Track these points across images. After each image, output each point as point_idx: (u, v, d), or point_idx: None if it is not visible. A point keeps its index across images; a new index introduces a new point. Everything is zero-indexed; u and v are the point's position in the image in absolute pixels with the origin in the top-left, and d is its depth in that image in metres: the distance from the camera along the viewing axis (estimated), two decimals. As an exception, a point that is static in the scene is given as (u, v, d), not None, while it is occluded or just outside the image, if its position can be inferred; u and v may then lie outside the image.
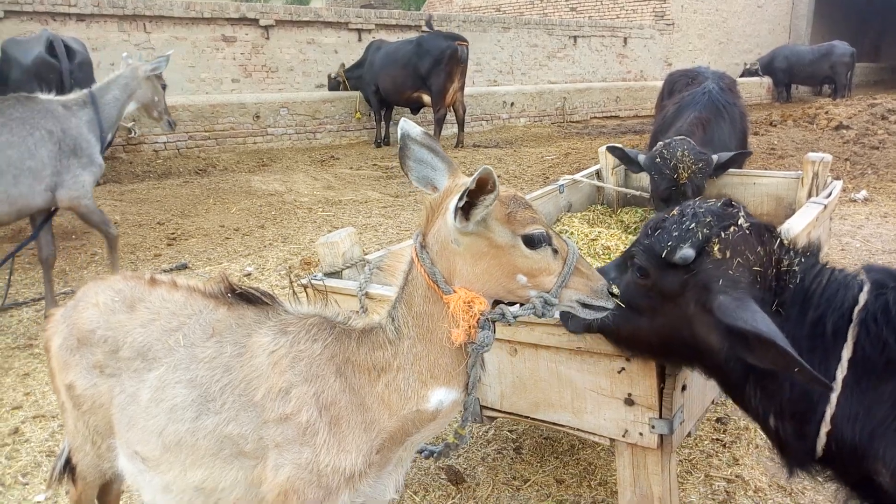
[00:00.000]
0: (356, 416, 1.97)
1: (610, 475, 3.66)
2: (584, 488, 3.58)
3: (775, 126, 13.71)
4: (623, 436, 2.59)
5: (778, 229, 2.15)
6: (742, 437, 3.98)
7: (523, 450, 3.92)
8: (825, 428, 1.94)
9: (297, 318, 2.13)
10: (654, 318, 2.13)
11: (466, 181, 1.78)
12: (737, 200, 2.25)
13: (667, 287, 2.06)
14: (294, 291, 2.38)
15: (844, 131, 12.34)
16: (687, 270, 2.01)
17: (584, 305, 1.93)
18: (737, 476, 3.63)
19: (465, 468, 3.76)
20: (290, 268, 6.88)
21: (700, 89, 5.57)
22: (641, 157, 4.98)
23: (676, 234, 2.05)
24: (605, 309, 1.93)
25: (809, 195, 4.76)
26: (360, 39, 15.18)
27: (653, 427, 2.51)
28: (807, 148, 11.80)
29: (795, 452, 2.07)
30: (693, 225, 2.04)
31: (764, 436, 4.00)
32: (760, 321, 1.81)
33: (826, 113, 13.17)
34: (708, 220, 2.04)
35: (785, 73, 21.09)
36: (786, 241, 2.08)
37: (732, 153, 4.96)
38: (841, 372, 1.90)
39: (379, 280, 3.20)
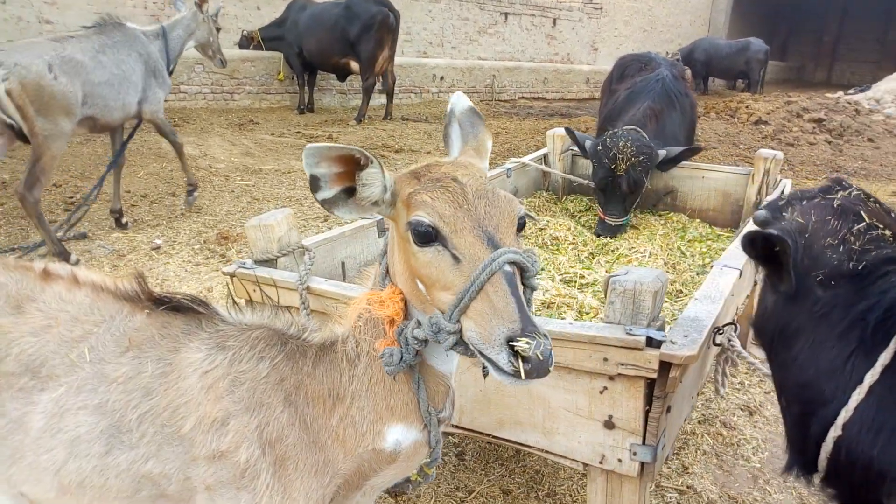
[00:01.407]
0: (306, 456, 1.61)
1: (557, 485, 3.43)
2: (532, 500, 3.34)
3: (699, 118, 13.96)
4: (599, 462, 2.33)
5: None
6: (689, 442, 3.84)
7: (466, 456, 3.63)
8: (834, 432, 1.73)
9: (239, 329, 1.72)
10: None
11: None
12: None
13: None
14: (232, 295, 1.92)
15: (763, 126, 12.69)
16: None
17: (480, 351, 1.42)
18: (688, 487, 3.47)
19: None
20: (204, 241, 6.27)
21: (654, 76, 5.39)
22: (588, 143, 4.77)
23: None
24: (498, 368, 1.35)
25: (759, 193, 4.66)
26: (282, -5, 14.27)
27: (634, 454, 2.25)
28: (728, 141, 12.05)
29: (794, 447, 1.88)
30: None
31: (711, 442, 3.95)
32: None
33: (747, 107, 13.51)
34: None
35: (703, 66, 21.61)
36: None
37: (682, 149, 4.82)
38: (871, 377, 1.69)
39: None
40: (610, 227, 4.69)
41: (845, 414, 1.72)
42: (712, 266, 3.01)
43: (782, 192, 4.40)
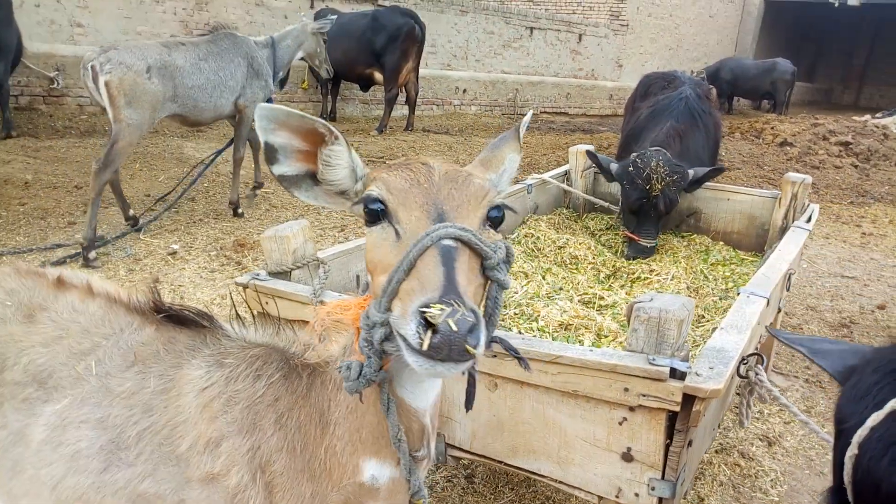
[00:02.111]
0: (295, 485, 1.53)
1: (570, 511, 3.33)
2: (543, 527, 3.24)
3: (723, 137, 13.80)
4: (616, 495, 2.24)
5: None
6: (706, 472, 3.72)
7: (475, 478, 3.55)
8: (851, 451, 1.63)
9: (240, 346, 1.67)
10: None
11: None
12: None
13: None
14: (235, 308, 1.85)
15: (788, 148, 12.50)
16: None
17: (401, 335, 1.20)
18: (704, 519, 3.36)
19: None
20: (221, 248, 6.26)
21: (677, 94, 5.30)
22: (614, 166, 4.68)
23: None
24: (407, 345, 1.15)
25: (786, 217, 4.55)
26: (312, 6, 14.33)
27: (652, 489, 2.17)
28: (753, 162, 11.89)
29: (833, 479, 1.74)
30: None
31: (729, 472, 3.82)
32: None
33: (772, 128, 13.33)
34: None
35: (729, 85, 21.42)
36: None
37: (708, 169, 4.72)
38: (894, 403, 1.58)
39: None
40: (644, 249, 4.58)
41: (861, 432, 1.63)
42: (738, 292, 2.92)
43: (809, 217, 4.29)
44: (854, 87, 32.38)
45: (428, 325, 1.10)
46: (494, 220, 1.38)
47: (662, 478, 2.14)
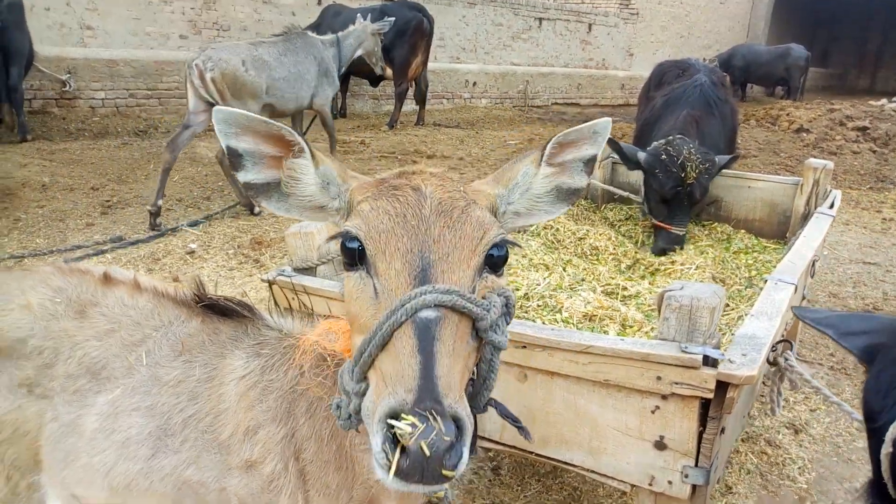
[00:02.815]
0: (323, 475, 1.52)
1: (596, 503, 3.32)
2: (571, 518, 3.24)
3: (738, 125, 13.68)
4: (649, 484, 2.22)
5: None
6: (733, 460, 3.70)
7: (502, 470, 3.54)
8: (886, 449, 1.60)
9: (277, 337, 1.68)
10: None
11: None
12: None
13: None
14: (274, 299, 1.86)
15: (805, 135, 12.36)
16: None
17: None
18: (732, 508, 3.34)
19: (437, 492, 3.34)
20: (238, 246, 6.28)
21: (692, 82, 5.25)
22: (642, 155, 4.63)
23: None
24: (379, 466, 1.02)
25: (808, 204, 4.50)
26: (319, 3, 14.35)
27: (686, 476, 2.15)
28: (769, 149, 11.77)
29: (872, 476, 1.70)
30: None
31: (756, 460, 3.80)
32: None
33: (787, 115, 13.19)
34: None
35: (742, 72, 21.20)
36: None
37: (729, 157, 4.68)
38: None
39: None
40: (677, 238, 4.54)
41: (893, 430, 1.60)
42: (764, 280, 2.89)
43: (832, 204, 4.24)
44: (869, 72, 31.99)
45: (397, 440, 0.98)
46: (496, 261, 1.23)
47: (696, 465, 2.13)
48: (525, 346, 2.24)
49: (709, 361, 2.00)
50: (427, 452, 0.94)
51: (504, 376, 2.37)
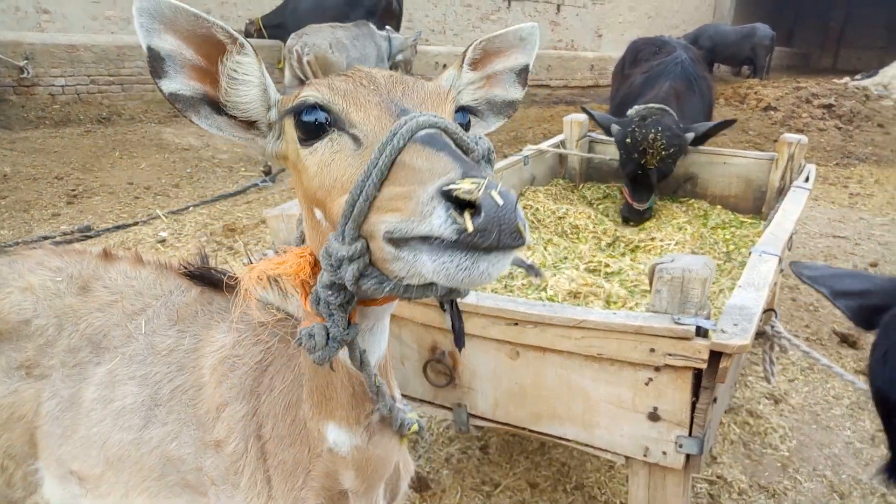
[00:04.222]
0: (279, 451, 1.46)
1: (584, 477, 3.35)
2: (560, 493, 3.26)
3: (714, 101, 13.82)
4: (643, 455, 2.23)
5: None
6: (717, 431, 3.75)
7: (490, 449, 3.55)
8: None
9: (259, 309, 1.64)
10: None
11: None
12: None
13: None
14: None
15: (772, 112, 12.54)
16: None
17: (396, 244, 0.92)
18: (718, 477, 3.40)
19: (427, 472, 3.34)
20: (210, 233, 6.16)
21: (672, 58, 5.26)
22: (615, 128, 4.63)
23: None
24: (434, 249, 0.87)
25: (783, 178, 4.55)
26: (287, -14, 14.06)
27: (680, 446, 2.16)
28: (738, 127, 11.91)
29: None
30: None
31: (738, 431, 3.86)
32: None
33: (755, 94, 13.36)
34: None
35: (709, 52, 21.22)
36: None
37: (714, 123, 4.71)
38: None
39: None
40: (638, 212, 4.58)
41: None
42: (748, 254, 2.91)
43: (807, 177, 4.29)
44: (832, 51, 32.48)
45: (457, 207, 0.84)
46: (465, 125, 1.20)
47: (689, 435, 2.14)
48: (517, 323, 2.22)
49: (701, 332, 2.00)
50: (500, 201, 0.83)
51: (495, 354, 2.35)
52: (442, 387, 2.49)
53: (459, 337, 1.27)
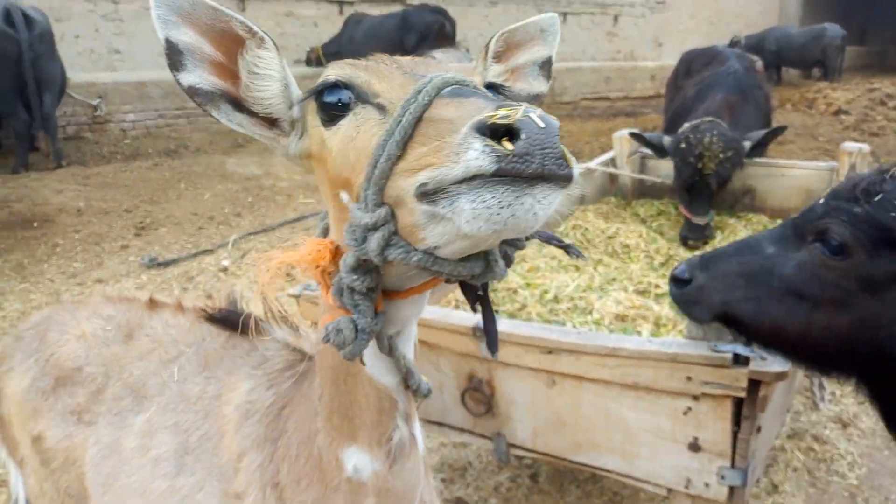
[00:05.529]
0: (296, 496, 1.42)
1: (638, 505, 3.25)
2: (612, 523, 3.17)
3: (774, 110, 13.36)
4: (685, 487, 2.16)
5: None
6: (778, 458, 3.59)
7: (540, 477, 3.49)
8: None
9: (276, 351, 1.64)
10: (837, 312, 1.62)
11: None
12: None
13: (878, 272, 1.56)
14: (271, 312, 1.72)
15: (844, 116, 12.03)
16: None
17: (429, 197, 0.86)
18: (779, 507, 3.24)
19: (476, 501, 3.31)
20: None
21: (724, 69, 5.13)
22: (666, 140, 4.54)
23: None
24: (477, 184, 0.80)
25: (846, 188, 4.34)
26: (341, 12, 14.46)
27: (723, 477, 2.08)
28: (807, 134, 11.46)
29: None
30: None
31: (802, 457, 3.67)
32: None
33: (824, 97, 12.85)
34: None
35: (775, 55, 20.62)
36: None
37: (765, 131, 4.57)
38: None
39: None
40: (699, 228, 4.43)
41: None
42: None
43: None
44: (909, 47, 30.91)
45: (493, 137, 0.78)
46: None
47: (732, 466, 2.06)
48: (551, 352, 2.19)
49: (739, 360, 1.93)
50: (541, 123, 0.77)
51: (532, 382, 2.32)
52: (480, 415, 2.48)
53: (493, 340, 1.20)
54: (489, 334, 1.19)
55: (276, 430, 1.47)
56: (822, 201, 1.72)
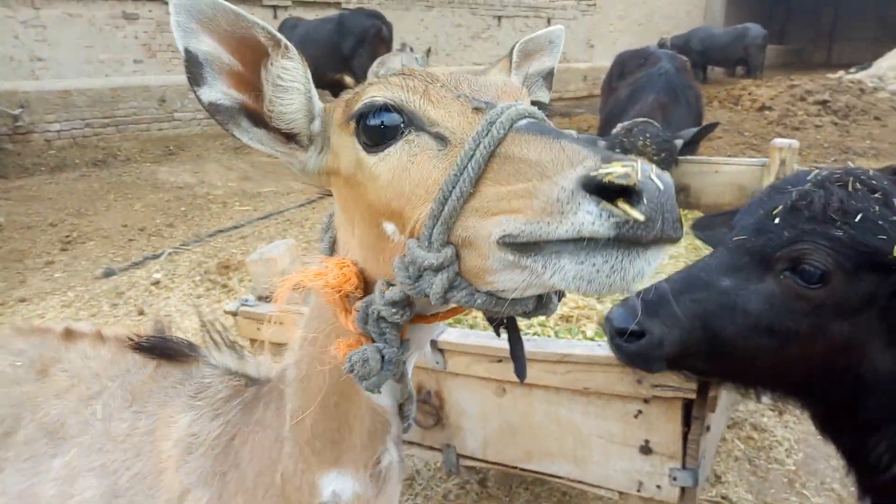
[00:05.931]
0: None
1: (588, 505, 3.26)
2: (563, 524, 3.17)
3: (704, 108, 13.77)
4: (637, 490, 2.16)
5: None
6: (720, 449, 3.66)
7: (489, 482, 3.47)
8: None
9: (215, 378, 1.54)
10: (811, 341, 1.52)
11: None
12: None
13: (854, 296, 1.46)
14: (211, 335, 1.65)
15: (768, 112, 12.48)
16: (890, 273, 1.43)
17: (519, 249, 0.81)
18: (723, 497, 3.31)
19: (427, 510, 3.26)
20: (205, 272, 6.13)
21: (656, 70, 5.23)
22: (601, 143, 4.58)
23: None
24: (592, 249, 0.76)
25: (776, 183, 4.48)
26: (275, 17, 14.19)
27: (674, 478, 2.09)
28: (734, 129, 11.86)
29: None
30: None
31: (742, 446, 3.75)
32: None
33: (749, 94, 13.31)
34: None
35: (700, 55, 21.30)
36: None
37: (697, 128, 4.67)
38: None
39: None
40: None
41: None
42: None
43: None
44: (825, 45, 32.46)
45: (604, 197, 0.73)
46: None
47: (683, 467, 2.07)
48: (501, 360, 2.16)
49: (688, 361, 1.94)
50: (660, 184, 0.72)
51: (481, 392, 2.29)
52: (429, 427, 2.43)
53: (522, 366, 1.16)
54: (518, 361, 1.15)
55: (226, 463, 1.38)
56: (778, 221, 1.55)
